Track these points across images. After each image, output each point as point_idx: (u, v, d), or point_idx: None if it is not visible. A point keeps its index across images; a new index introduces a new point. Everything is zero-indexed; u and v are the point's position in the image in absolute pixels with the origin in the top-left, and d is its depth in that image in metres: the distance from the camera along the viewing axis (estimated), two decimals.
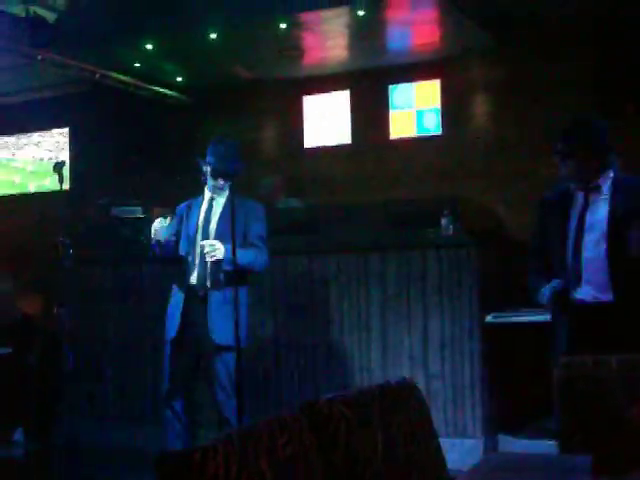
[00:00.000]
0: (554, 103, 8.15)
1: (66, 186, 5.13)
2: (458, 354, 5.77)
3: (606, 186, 4.07)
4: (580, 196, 4.12)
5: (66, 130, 10.45)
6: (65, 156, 10.07)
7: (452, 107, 8.63)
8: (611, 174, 4.09)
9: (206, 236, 5.08)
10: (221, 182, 5.08)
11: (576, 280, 4.00)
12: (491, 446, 5.75)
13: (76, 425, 6.01)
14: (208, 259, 4.94)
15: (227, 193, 5.13)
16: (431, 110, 8.78)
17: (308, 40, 8.13)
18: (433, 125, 8.76)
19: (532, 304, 4.60)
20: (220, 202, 5.18)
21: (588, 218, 4.04)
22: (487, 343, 5.85)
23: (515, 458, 2.90)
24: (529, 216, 4.67)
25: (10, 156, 10.95)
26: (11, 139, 10.84)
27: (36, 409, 7.04)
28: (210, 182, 5.15)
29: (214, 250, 4.91)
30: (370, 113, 9.06)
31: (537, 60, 8.21)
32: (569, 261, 4.02)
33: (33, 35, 7.16)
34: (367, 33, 7.99)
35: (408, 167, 8.62)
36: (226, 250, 4.86)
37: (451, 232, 6.01)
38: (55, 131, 10.51)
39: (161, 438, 5.31)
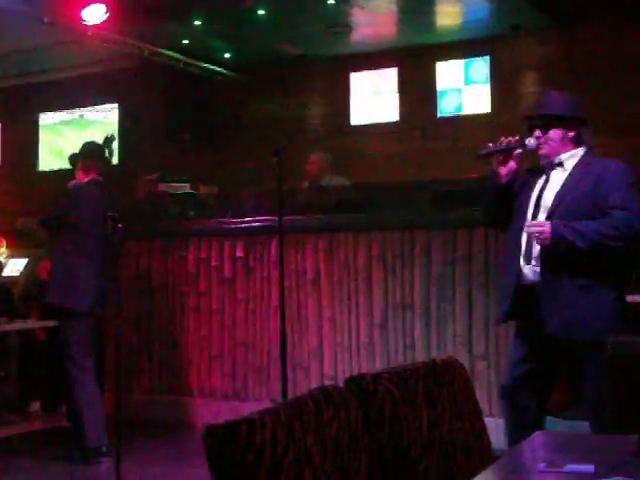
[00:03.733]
0: (607, 82, 8.04)
1: (115, 161, 5.18)
2: (503, 335, 5.72)
3: (570, 164, 3.90)
4: (546, 172, 3.96)
5: (115, 106, 10.55)
6: (114, 131, 10.16)
7: (502, 85, 8.55)
8: (580, 152, 3.92)
9: None
10: None
11: (526, 258, 3.89)
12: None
13: (123, 398, 6.09)
14: None
15: None
16: (479, 88, 8.70)
17: (356, 16, 8.10)
18: (481, 103, 8.68)
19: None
20: None
21: (544, 196, 3.90)
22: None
23: (559, 437, 2.88)
24: None
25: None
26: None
27: None
28: None
29: None
30: (418, 91, 9.01)
31: (591, 38, 8.08)
32: (524, 238, 3.90)
33: (84, 11, 7.22)
34: (415, 9, 7.94)
35: (455, 145, 8.56)
36: None
37: None
38: (104, 107, 10.62)
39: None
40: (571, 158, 3.92)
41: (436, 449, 2.51)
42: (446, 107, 8.88)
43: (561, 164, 3.92)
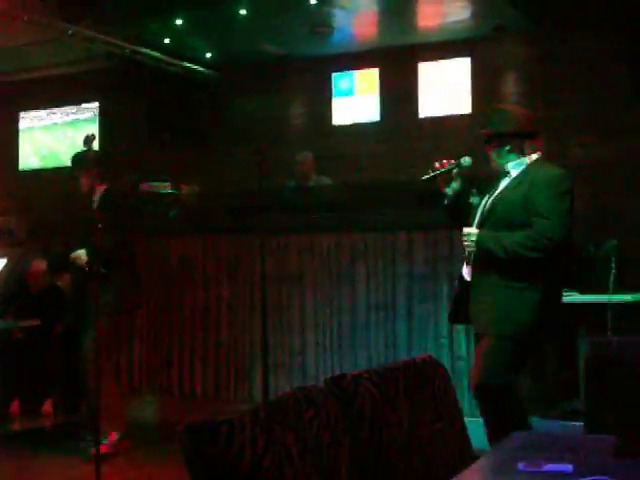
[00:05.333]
0: (588, 82, 8.07)
1: None
2: None
3: (515, 172, 4.07)
4: (499, 181, 4.15)
5: (96, 105, 10.50)
6: (95, 130, 10.10)
7: (483, 86, 8.57)
8: (528, 160, 4.07)
9: None
10: None
11: (466, 260, 4.18)
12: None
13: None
14: None
15: None
16: (461, 88, 8.72)
17: (338, 17, 8.10)
18: (463, 103, 8.70)
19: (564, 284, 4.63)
20: None
21: (487, 204, 4.10)
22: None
23: (539, 437, 2.89)
24: None
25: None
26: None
27: (64, 381, 7.12)
28: None
29: None
30: (399, 91, 9.01)
31: (571, 39, 8.12)
32: None
33: (64, 10, 7.18)
34: (397, 10, 7.95)
35: (437, 145, 8.58)
36: None
37: None
38: (85, 106, 10.56)
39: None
40: (517, 167, 4.08)
41: (416, 449, 2.52)
42: (427, 107, 8.89)
43: (508, 173, 4.09)
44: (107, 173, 5.86)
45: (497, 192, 4.09)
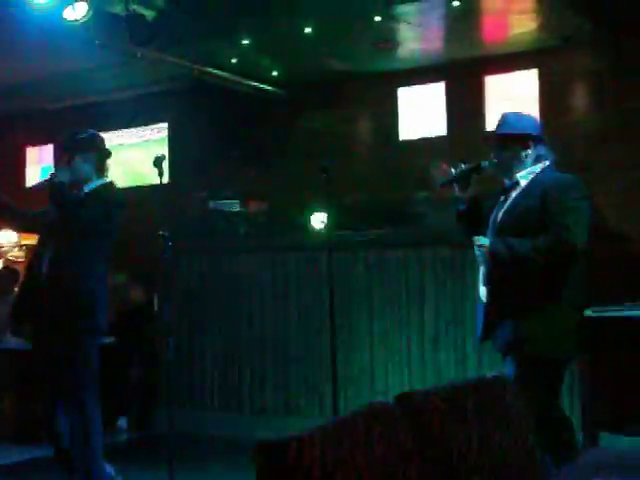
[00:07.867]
0: None
1: (165, 180, 5.21)
2: None
3: (525, 181, 3.93)
4: (507, 192, 4.00)
5: (165, 125, 10.68)
6: (165, 151, 10.26)
7: (551, 97, 8.47)
8: (538, 169, 3.92)
9: None
10: None
11: (484, 279, 3.97)
12: (591, 443, 5.63)
13: (175, 414, 6.16)
14: None
15: None
16: (528, 100, 8.63)
17: (403, 32, 8.10)
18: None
19: (635, 298, 4.52)
20: None
21: (499, 216, 3.96)
22: (588, 339, 5.69)
23: (615, 454, 2.84)
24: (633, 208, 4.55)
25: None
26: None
27: (139, 398, 7.23)
28: None
29: None
30: (466, 104, 8.96)
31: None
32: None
33: (132, 33, 7.33)
34: (463, 24, 7.91)
35: None
36: None
37: None
38: (155, 126, 10.75)
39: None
40: (527, 176, 3.94)
41: (487, 466, 2.49)
42: (495, 121, 8.81)
43: (518, 183, 3.95)
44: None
45: (508, 203, 3.96)
